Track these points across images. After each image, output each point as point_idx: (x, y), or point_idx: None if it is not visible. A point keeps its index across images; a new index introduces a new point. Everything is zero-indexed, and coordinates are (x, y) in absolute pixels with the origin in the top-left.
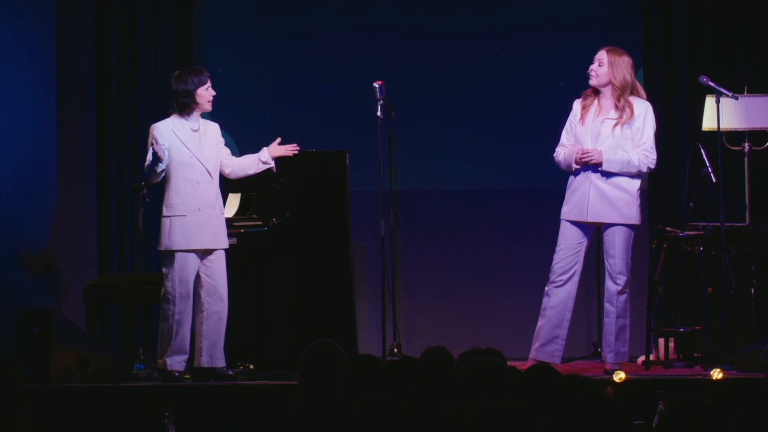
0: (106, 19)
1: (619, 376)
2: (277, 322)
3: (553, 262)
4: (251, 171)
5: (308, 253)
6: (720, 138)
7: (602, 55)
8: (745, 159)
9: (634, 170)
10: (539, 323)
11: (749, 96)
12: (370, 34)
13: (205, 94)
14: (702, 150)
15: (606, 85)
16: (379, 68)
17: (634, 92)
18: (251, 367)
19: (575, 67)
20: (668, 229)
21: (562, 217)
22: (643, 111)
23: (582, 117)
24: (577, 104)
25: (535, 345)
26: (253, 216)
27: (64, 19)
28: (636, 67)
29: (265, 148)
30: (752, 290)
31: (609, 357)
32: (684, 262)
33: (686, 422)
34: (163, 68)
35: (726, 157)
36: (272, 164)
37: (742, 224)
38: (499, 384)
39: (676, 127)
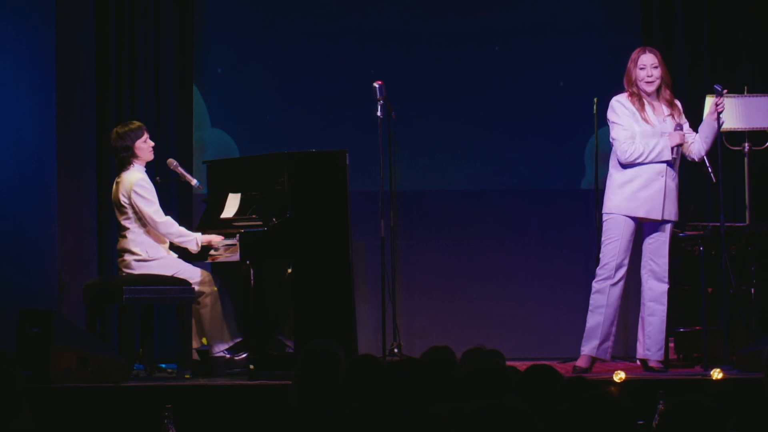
0: (106, 19)
1: (619, 376)
2: (277, 322)
3: (607, 258)
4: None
5: (308, 253)
6: (720, 138)
7: (654, 59)
8: (745, 159)
9: None
10: (594, 320)
11: (749, 96)
12: (370, 34)
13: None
14: None
15: (659, 86)
16: (379, 68)
17: None
18: (251, 367)
19: (575, 67)
20: None
21: (622, 212)
22: (681, 109)
23: (644, 118)
24: (627, 102)
25: (594, 343)
26: (253, 216)
27: (64, 19)
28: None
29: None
30: (752, 290)
31: (658, 355)
32: (684, 262)
33: (686, 422)
34: (163, 68)
35: (726, 157)
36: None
37: (742, 224)
38: (499, 384)
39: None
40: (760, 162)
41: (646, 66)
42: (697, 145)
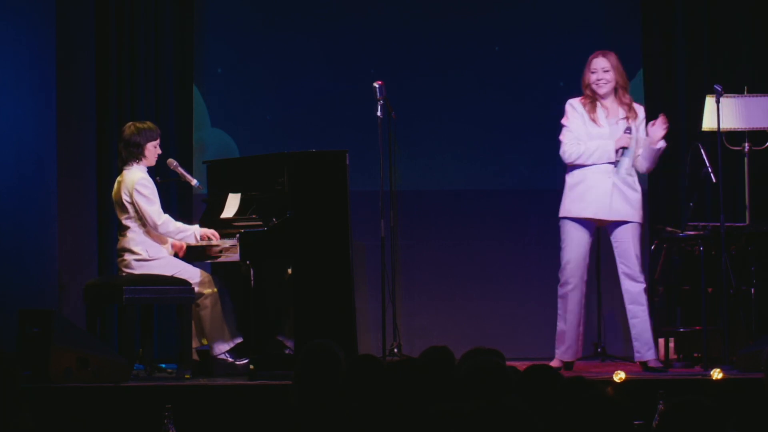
0: (106, 20)
1: (619, 376)
2: (277, 322)
3: (564, 263)
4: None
5: (308, 253)
6: (720, 138)
7: (605, 63)
8: (745, 159)
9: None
10: (561, 327)
11: (749, 96)
12: (370, 34)
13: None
14: (702, 150)
15: (614, 88)
16: (379, 68)
17: None
18: (251, 367)
19: (575, 68)
20: (668, 229)
21: (570, 215)
22: (643, 116)
23: (593, 119)
24: (578, 105)
25: (561, 348)
26: (253, 216)
27: (64, 19)
28: (636, 66)
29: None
30: (752, 290)
31: (650, 355)
32: (684, 262)
33: (686, 422)
34: (163, 68)
35: (726, 157)
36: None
37: (742, 224)
38: (499, 384)
39: (676, 127)
40: (760, 162)
41: (597, 70)
42: (640, 160)
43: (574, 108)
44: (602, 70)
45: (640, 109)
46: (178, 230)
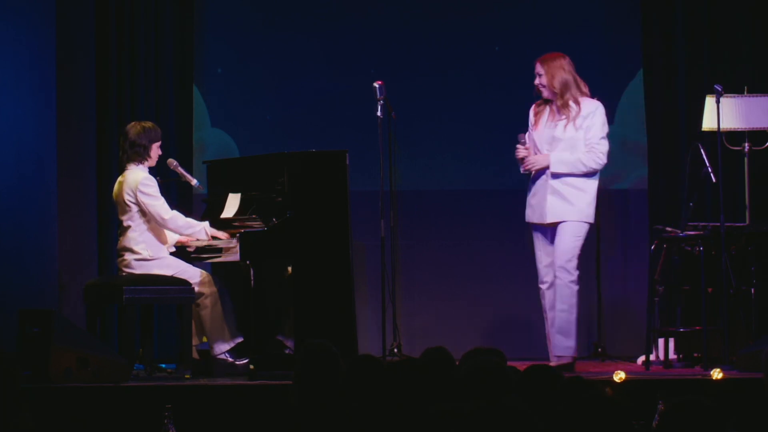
0: (106, 19)
1: (619, 376)
2: (277, 322)
3: (536, 264)
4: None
5: (308, 253)
6: (720, 138)
7: (537, 68)
8: (745, 159)
9: (584, 168)
10: (545, 326)
11: (749, 96)
12: (370, 34)
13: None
14: (702, 150)
15: (553, 91)
16: (379, 68)
17: (577, 89)
18: (251, 367)
19: (575, 68)
20: (668, 229)
21: (526, 219)
22: (592, 109)
23: (536, 123)
24: (532, 110)
25: (550, 347)
26: (253, 216)
27: (64, 19)
28: (636, 66)
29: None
30: (752, 290)
31: (565, 351)
32: (684, 262)
33: (686, 422)
34: (163, 68)
35: (726, 157)
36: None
37: (742, 224)
38: (499, 384)
39: (676, 127)
40: (760, 162)
41: (536, 76)
42: None
43: (530, 112)
44: (537, 74)
45: (586, 104)
46: (188, 225)
